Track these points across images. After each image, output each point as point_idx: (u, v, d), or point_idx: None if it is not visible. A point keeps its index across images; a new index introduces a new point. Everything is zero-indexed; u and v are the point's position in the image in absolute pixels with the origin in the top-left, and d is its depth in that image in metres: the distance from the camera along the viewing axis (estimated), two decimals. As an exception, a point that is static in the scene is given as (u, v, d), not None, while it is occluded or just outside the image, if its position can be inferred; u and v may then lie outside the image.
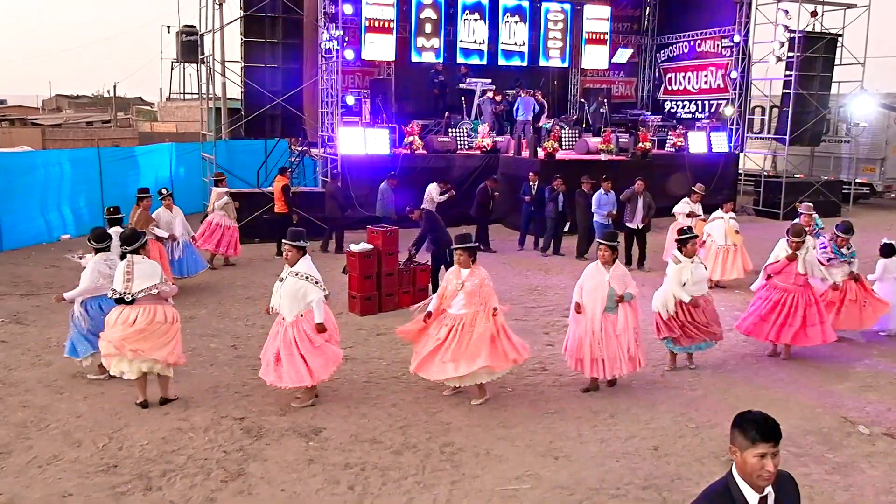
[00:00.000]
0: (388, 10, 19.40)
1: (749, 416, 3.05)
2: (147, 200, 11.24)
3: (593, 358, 7.34)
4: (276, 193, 14.51)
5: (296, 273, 6.96)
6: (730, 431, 3.10)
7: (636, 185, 13.37)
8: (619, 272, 7.43)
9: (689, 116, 23.56)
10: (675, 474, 5.94)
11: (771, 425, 2.99)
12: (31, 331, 9.58)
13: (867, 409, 7.31)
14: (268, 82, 15.81)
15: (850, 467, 6.10)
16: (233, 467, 5.96)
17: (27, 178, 15.23)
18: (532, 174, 15.24)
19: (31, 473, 5.85)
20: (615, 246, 7.54)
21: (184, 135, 27.76)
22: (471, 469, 5.98)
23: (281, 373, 6.95)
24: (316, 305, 6.93)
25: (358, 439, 6.50)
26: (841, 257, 9.32)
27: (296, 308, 6.95)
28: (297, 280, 6.93)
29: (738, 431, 3.03)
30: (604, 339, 7.30)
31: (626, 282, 7.43)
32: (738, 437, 3.03)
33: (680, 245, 8.20)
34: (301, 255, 7.05)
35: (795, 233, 8.59)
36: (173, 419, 6.87)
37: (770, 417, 3.03)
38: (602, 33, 23.05)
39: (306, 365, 6.90)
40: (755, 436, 2.97)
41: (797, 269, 8.47)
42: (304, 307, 6.95)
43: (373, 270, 10.66)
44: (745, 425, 3.02)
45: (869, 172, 22.86)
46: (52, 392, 7.51)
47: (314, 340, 6.95)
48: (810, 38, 20.62)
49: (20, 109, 42.83)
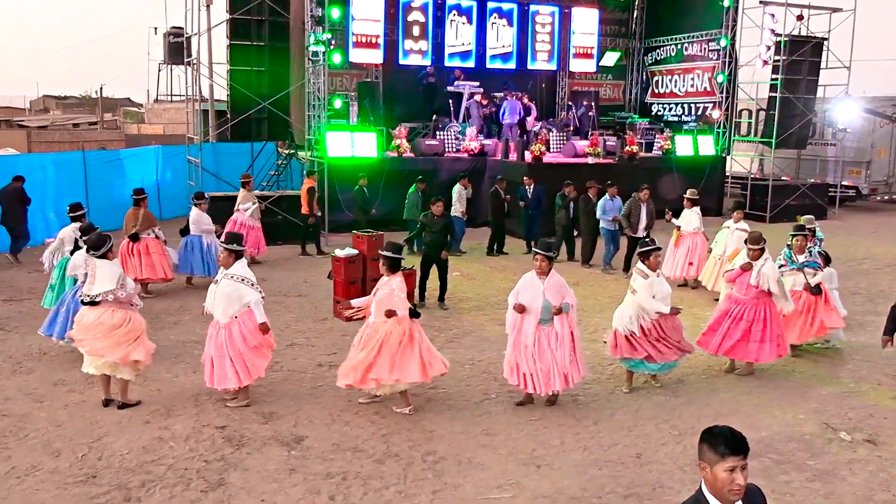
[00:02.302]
0: (375, 26, 19.41)
1: (716, 431, 3.04)
2: (145, 201, 11.55)
3: (526, 372, 7.11)
4: (303, 195, 14.71)
5: (231, 276, 7.07)
6: (697, 447, 3.08)
7: (642, 192, 12.92)
8: (554, 282, 7.11)
9: (675, 119, 23.66)
10: (656, 482, 5.94)
11: (739, 438, 2.98)
12: (13, 337, 9.50)
13: (849, 415, 7.34)
14: (254, 85, 15.74)
15: (830, 475, 6.11)
16: (213, 477, 5.92)
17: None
18: (526, 178, 15.16)
19: (9, 484, 5.79)
20: (551, 256, 7.18)
21: (171, 137, 27.65)
22: (453, 478, 5.97)
23: (212, 375, 7.13)
24: (255, 306, 7.08)
25: (340, 448, 6.47)
26: (791, 265, 8.77)
27: (230, 310, 7.06)
28: (232, 282, 7.05)
29: (707, 446, 3.01)
30: (537, 353, 7.04)
31: (563, 292, 7.12)
32: (706, 453, 3.01)
33: (643, 258, 7.72)
34: (235, 259, 7.16)
35: (753, 240, 8.12)
36: (154, 428, 6.82)
37: (737, 431, 3.02)
38: (590, 36, 23.10)
39: (234, 367, 7.04)
40: (724, 450, 2.96)
41: (749, 281, 8.01)
42: (240, 309, 7.06)
43: (358, 276, 10.63)
44: (712, 440, 3.00)
45: (855, 175, 23.00)
46: (33, 401, 7.44)
47: (249, 341, 7.08)
48: (796, 41, 20.75)
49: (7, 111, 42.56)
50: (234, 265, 7.12)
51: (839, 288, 9.82)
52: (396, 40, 20.37)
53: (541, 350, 7.04)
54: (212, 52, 21.52)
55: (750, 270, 8.02)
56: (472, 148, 18.62)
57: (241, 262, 7.19)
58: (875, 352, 9.29)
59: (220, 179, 16.61)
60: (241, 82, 15.70)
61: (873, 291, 12.56)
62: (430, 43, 20.69)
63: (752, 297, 8.03)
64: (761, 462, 6.26)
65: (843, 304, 11.55)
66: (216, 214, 13.44)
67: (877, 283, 13.16)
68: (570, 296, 7.17)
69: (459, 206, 14.70)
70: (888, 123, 22.33)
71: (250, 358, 7.10)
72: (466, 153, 18.71)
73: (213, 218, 12.81)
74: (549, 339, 7.07)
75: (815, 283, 8.75)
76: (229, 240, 7.31)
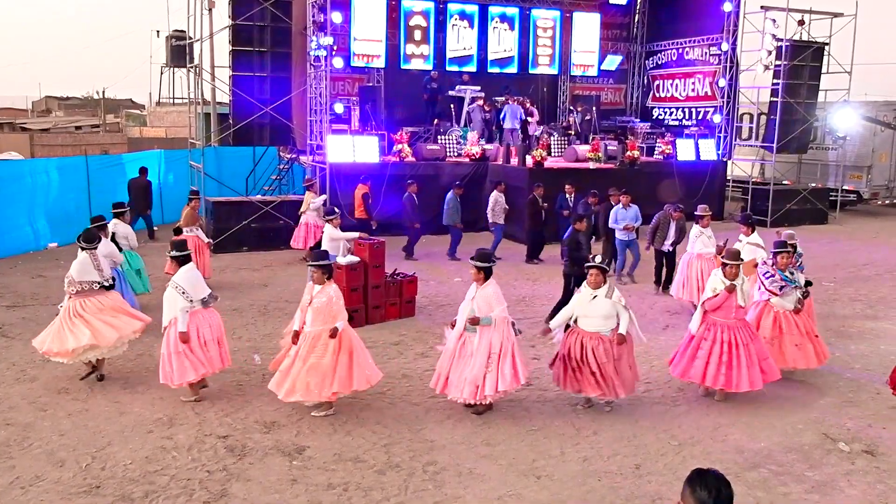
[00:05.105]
0: (377, 31, 19.43)
1: (705, 479, 2.89)
2: (196, 201, 12.78)
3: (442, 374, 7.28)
4: (357, 200, 15.03)
5: (174, 283, 7.49)
6: (683, 484, 3.00)
7: (675, 214, 12.37)
8: (485, 293, 7.12)
9: (676, 124, 23.70)
10: (655, 494, 5.98)
11: (724, 495, 2.83)
12: (16, 344, 9.54)
13: (848, 426, 7.37)
14: (256, 91, 15.80)
15: (829, 486, 6.15)
16: (216, 488, 5.97)
17: (14, 186, 15.18)
18: (568, 186, 15.02)
19: (14, 495, 5.84)
20: (481, 267, 7.17)
21: (173, 140, 27.72)
22: (453, 489, 6.01)
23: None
24: (181, 314, 7.37)
25: (342, 458, 6.52)
26: (787, 282, 8.19)
27: (169, 314, 7.48)
28: (171, 289, 7.49)
29: (689, 490, 2.88)
30: (457, 359, 7.18)
31: (492, 304, 7.09)
32: (687, 496, 2.89)
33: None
34: (179, 266, 7.56)
35: (731, 256, 7.61)
36: (157, 437, 6.87)
37: (726, 485, 2.86)
38: (591, 40, 23.15)
39: (170, 365, 7.41)
40: (705, 500, 2.83)
41: (737, 302, 7.54)
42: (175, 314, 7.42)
43: (360, 283, 10.67)
44: (697, 487, 2.87)
45: (856, 180, 23.02)
46: (36, 409, 7.49)
47: (172, 346, 7.41)
48: (797, 46, 20.78)
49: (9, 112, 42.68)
50: (178, 272, 7.54)
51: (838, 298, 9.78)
52: (398, 45, 20.42)
53: (460, 356, 7.17)
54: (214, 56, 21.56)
55: (735, 292, 7.54)
56: (474, 153, 18.65)
57: (182, 270, 7.55)
58: (874, 361, 9.35)
59: (222, 184, 16.66)
60: (243, 87, 15.75)
61: (873, 298, 12.57)
62: (431, 48, 20.74)
63: (740, 318, 7.64)
64: (760, 473, 6.30)
65: (843, 310, 11.68)
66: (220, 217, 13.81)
67: (877, 290, 13.17)
68: (498, 309, 7.13)
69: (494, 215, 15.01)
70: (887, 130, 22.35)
71: (170, 361, 7.40)
72: (468, 158, 18.74)
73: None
74: (468, 347, 7.16)
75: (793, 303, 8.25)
76: (172, 247, 7.71)
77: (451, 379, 7.22)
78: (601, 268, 7.31)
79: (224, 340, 7.83)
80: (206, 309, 7.63)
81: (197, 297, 7.50)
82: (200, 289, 7.61)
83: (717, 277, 7.73)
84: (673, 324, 10.84)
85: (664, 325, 10.86)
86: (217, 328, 7.71)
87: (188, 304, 7.40)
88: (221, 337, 7.77)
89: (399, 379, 8.45)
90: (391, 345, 9.77)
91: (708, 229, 11.45)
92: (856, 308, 11.92)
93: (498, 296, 7.22)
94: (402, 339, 10.04)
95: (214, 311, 7.78)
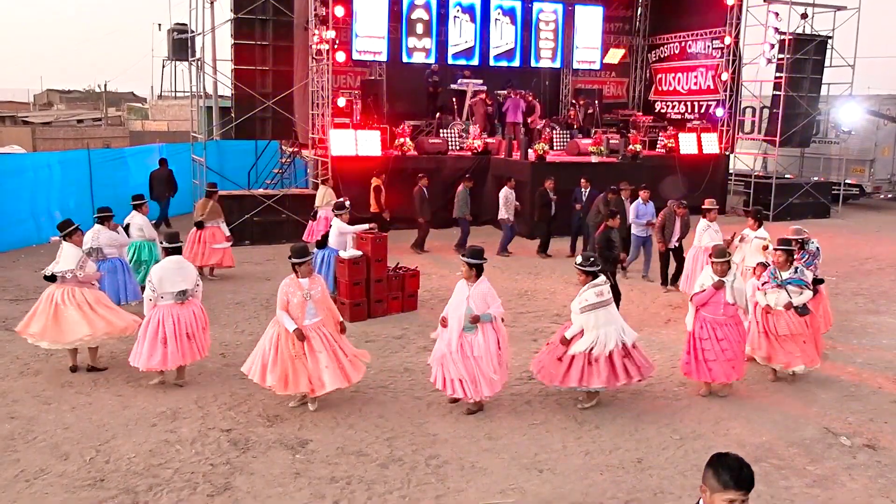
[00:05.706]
0: (379, 24, 19.38)
1: (726, 461, 2.99)
2: (216, 194, 13.15)
3: (448, 377, 7.15)
4: (373, 195, 15.25)
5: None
6: (703, 470, 3.09)
7: (679, 210, 12.25)
8: (479, 290, 7.07)
9: (678, 117, 23.66)
10: (657, 488, 6.00)
11: (745, 475, 2.94)
12: (20, 338, 9.50)
13: (849, 420, 7.38)
14: (258, 84, 15.80)
15: (830, 480, 6.17)
16: (219, 481, 6.00)
17: (16, 180, 15.20)
18: (584, 179, 14.93)
19: (18, 488, 5.87)
20: (472, 264, 7.12)
21: (175, 134, 27.69)
22: (456, 483, 6.04)
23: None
24: (145, 303, 7.81)
25: (344, 451, 6.54)
26: (774, 282, 8.12)
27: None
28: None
29: (712, 473, 2.99)
30: (460, 360, 7.07)
31: (489, 301, 7.07)
32: (710, 479, 2.99)
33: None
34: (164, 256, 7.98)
35: (717, 253, 7.60)
36: (161, 431, 6.90)
37: (746, 466, 2.97)
38: (594, 33, 23.09)
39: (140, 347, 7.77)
40: (728, 481, 2.93)
41: (725, 299, 7.52)
42: None
43: (362, 276, 10.69)
44: (719, 469, 2.97)
45: (858, 173, 23.00)
46: (40, 402, 7.52)
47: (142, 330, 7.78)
48: (800, 40, 20.73)
49: (11, 105, 42.68)
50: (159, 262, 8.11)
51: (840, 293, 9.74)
52: (400, 38, 20.38)
53: (463, 357, 7.07)
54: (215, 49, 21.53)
55: (723, 288, 7.52)
56: (476, 146, 18.65)
57: (163, 261, 7.93)
58: (875, 355, 9.36)
59: (224, 178, 16.66)
60: (245, 81, 15.74)
61: (875, 292, 12.58)
62: (433, 41, 20.69)
63: (730, 314, 7.59)
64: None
65: (845, 305, 11.67)
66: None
67: (879, 284, 13.18)
68: (495, 306, 7.13)
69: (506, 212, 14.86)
70: (891, 124, 22.31)
71: (140, 342, 7.70)
72: (470, 152, 18.74)
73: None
74: (472, 347, 7.07)
75: (800, 303, 8.08)
76: (164, 238, 8.14)
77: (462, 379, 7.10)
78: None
79: (198, 335, 7.84)
80: (179, 304, 7.68)
81: (166, 290, 7.63)
82: (174, 283, 7.67)
83: (707, 273, 7.72)
84: (675, 318, 10.84)
85: (666, 319, 10.88)
86: (188, 324, 7.73)
87: (151, 294, 7.65)
88: (194, 332, 7.78)
89: (401, 373, 8.47)
90: (393, 339, 9.79)
91: (715, 223, 11.46)
92: (858, 302, 11.92)
93: (492, 292, 7.21)
94: (404, 332, 10.06)
95: (191, 305, 7.83)
